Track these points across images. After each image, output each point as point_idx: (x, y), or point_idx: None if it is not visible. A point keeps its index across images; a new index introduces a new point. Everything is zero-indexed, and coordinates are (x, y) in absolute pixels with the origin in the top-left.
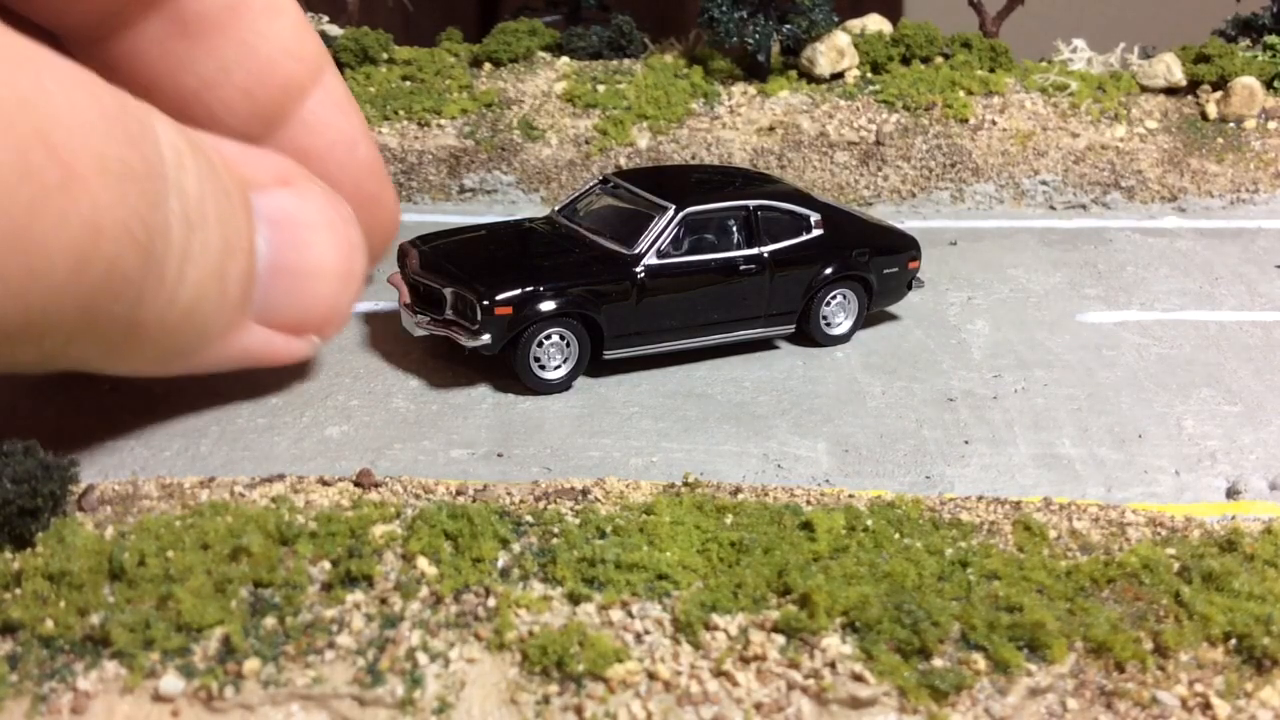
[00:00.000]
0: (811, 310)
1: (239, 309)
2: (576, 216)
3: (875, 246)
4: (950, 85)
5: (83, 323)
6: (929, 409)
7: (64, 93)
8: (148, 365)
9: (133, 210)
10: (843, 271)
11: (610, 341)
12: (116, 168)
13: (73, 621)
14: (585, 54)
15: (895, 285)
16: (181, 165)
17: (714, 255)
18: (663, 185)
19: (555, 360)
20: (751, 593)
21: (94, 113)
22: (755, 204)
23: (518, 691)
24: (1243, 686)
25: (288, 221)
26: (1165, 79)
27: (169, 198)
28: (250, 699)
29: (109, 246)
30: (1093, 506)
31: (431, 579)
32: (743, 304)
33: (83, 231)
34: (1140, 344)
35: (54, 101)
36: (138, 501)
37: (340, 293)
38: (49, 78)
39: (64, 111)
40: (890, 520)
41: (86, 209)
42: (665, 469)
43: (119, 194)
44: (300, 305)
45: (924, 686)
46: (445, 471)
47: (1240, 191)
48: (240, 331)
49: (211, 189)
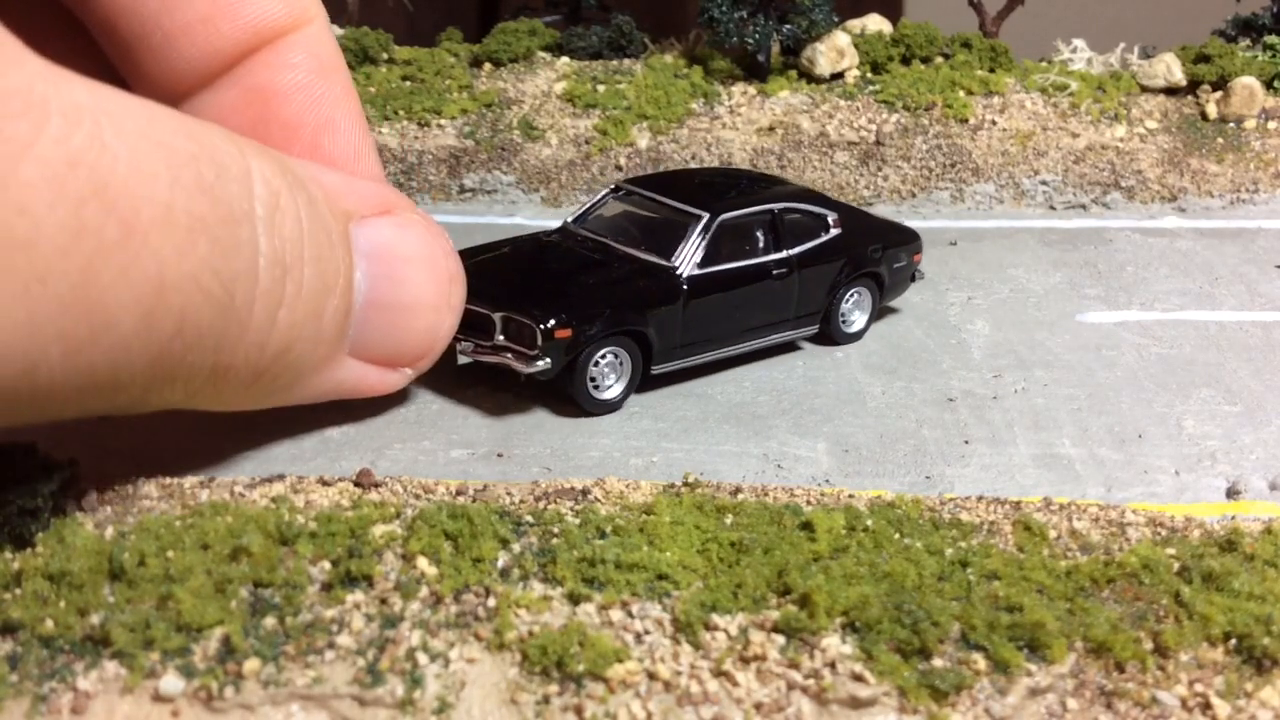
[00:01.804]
0: (832, 309)
1: (335, 345)
2: (598, 227)
3: (885, 241)
4: (950, 85)
5: (158, 373)
6: (929, 409)
7: (125, 144)
8: (239, 403)
9: (203, 261)
10: (859, 269)
11: (659, 355)
12: (184, 219)
13: (73, 621)
14: (585, 54)
15: (901, 279)
16: (277, 206)
17: (749, 261)
18: (683, 191)
19: (610, 379)
20: (751, 593)
21: (159, 163)
22: (780, 207)
23: (518, 691)
24: (1243, 686)
25: (387, 255)
26: (1165, 79)
27: (257, 241)
28: (250, 699)
29: (176, 300)
30: (1093, 506)
31: (431, 579)
32: (776, 307)
33: (145, 287)
34: (1140, 344)
35: (113, 153)
36: (138, 501)
37: (436, 326)
38: (109, 130)
39: (124, 164)
40: (890, 520)
41: (150, 264)
42: (665, 469)
43: (186, 245)
44: (396, 339)
45: (924, 686)
46: (445, 471)
47: (1240, 191)
48: (336, 366)
49: (311, 228)
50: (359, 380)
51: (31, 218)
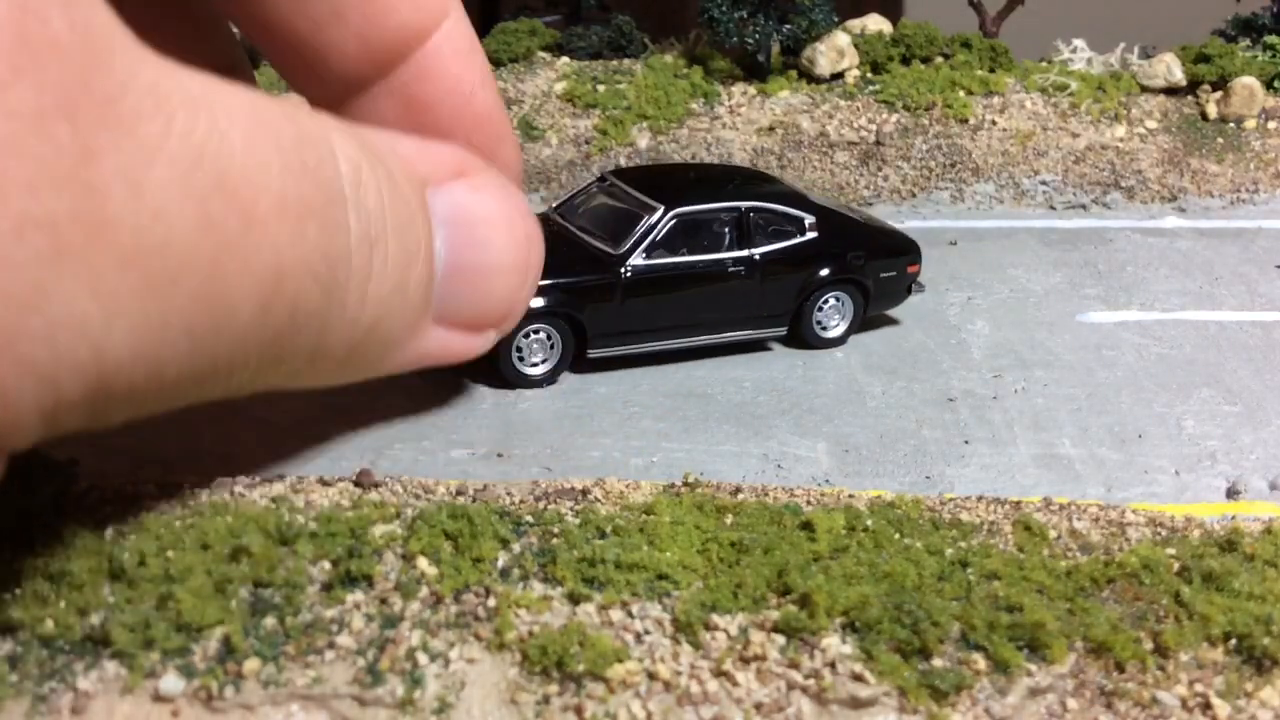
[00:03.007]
0: (804, 313)
1: (420, 314)
2: (572, 215)
3: (872, 249)
4: (950, 85)
5: (268, 358)
6: (929, 409)
7: (240, 132)
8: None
9: (313, 245)
10: (837, 275)
11: (594, 340)
12: (295, 205)
13: (73, 621)
14: (585, 54)
15: (893, 289)
16: (360, 182)
17: (702, 257)
18: (657, 185)
19: (538, 356)
20: (751, 593)
21: (271, 149)
22: (748, 205)
23: (518, 691)
24: (1243, 686)
25: (465, 219)
26: (1165, 79)
27: (348, 220)
28: (250, 699)
29: (291, 286)
30: (1093, 506)
31: (431, 579)
32: (732, 306)
33: (265, 276)
34: (1140, 344)
35: (230, 144)
36: (138, 501)
37: (518, 287)
38: (224, 117)
39: (240, 153)
40: (890, 520)
41: (269, 253)
42: (665, 469)
43: (299, 231)
44: (479, 303)
45: (924, 686)
46: (445, 471)
47: (1240, 191)
48: (422, 335)
49: (390, 199)
50: (445, 346)
51: (165, 221)
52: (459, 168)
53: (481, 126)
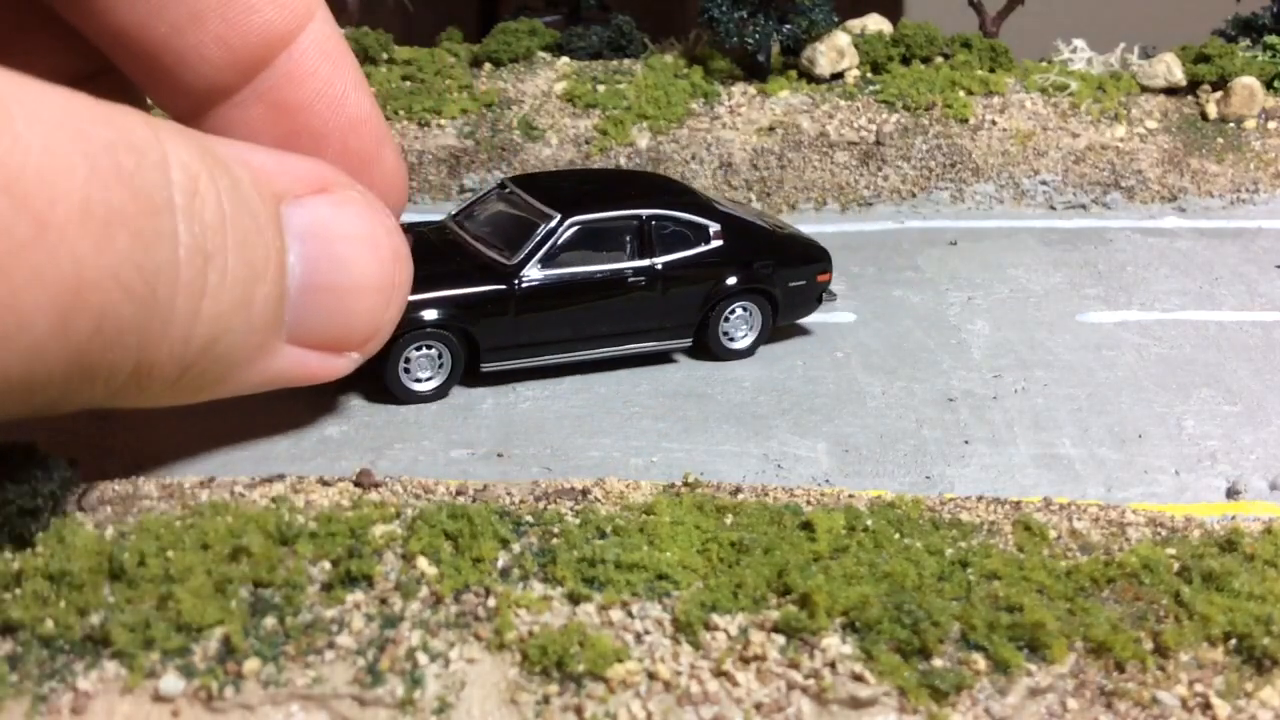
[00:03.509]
0: (710, 324)
1: (269, 333)
2: (469, 223)
3: (781, 258)
4: (950, 85)
5: (76, 373)
6: (929, 409)
7: (38, 136)
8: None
9: (123, 256)
10: (744, 284)
11: (487, 354)
12: (101, 212)
13: (73, 621)
14: (585, 54)
15: (803, 299)
16: (196, 191)
17: (599, 267)
18: (556, 192)
19: (425, 371)
20: (751, 593)
21: (75, 154)
22: (649, 214)
23: (518, 691)
24: (1243, 686)
25: (323, 235)
26: (1165, 79)
27: (176, 231)
28: (250, 699)
29: (95, 298)
30: (1093, 506)
31: (431, 579)
32: (633, 317)
33: (63, 286)
34: (1140, 344)
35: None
36: (138, 501)
37: (382, 306)
38: (21, 120)
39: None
40: (890, 520)
41: (66, 262)
42: (665, 469)
43: (105, 241)
44: (338, 323)
45: (924, 686)
46: (445, 471)
47: (1240, 191)
48: (271, 355)
49: (235, 211)
50: (300, 368)
51: None
52: (321, 182)
53: (358, 130)
